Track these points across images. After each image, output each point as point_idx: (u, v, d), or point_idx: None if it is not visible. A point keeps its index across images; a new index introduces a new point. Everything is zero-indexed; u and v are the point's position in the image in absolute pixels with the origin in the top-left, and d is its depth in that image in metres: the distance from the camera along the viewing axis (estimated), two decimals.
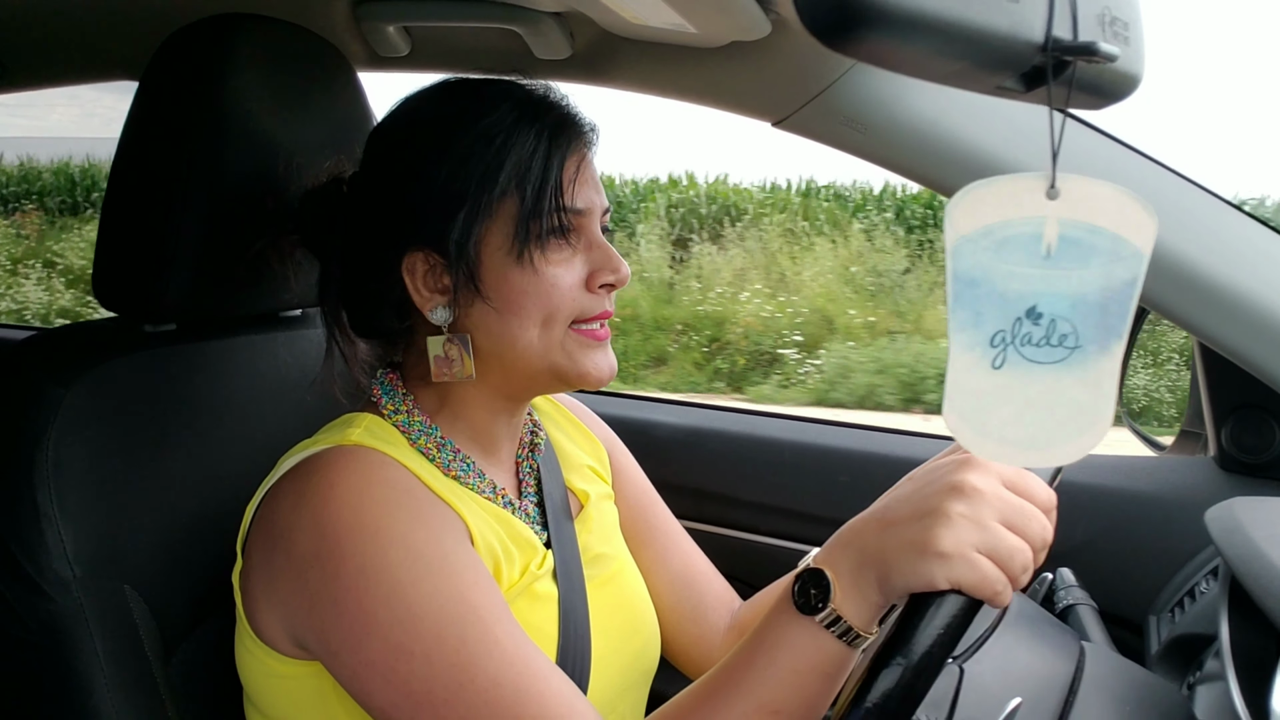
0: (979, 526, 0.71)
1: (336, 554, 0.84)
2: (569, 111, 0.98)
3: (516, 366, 0.97)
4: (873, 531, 0.77)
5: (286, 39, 1.13)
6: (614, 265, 0.97)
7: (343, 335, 1.01)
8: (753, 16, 1.04)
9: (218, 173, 1.04)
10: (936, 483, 0.75)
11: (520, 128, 0.94)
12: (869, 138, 1.22)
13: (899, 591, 0.73)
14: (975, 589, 0.70)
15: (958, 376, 0.63)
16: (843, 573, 0.76)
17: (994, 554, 0.71)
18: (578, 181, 0.96)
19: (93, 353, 1.01)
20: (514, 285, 0.94)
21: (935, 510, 0.72)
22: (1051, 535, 0.75)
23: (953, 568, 0.70)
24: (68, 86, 1.70)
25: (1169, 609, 1.31)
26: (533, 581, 0.97)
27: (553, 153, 0.94)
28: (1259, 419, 1.38)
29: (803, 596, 0.77)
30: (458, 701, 0.81)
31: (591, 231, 0.98)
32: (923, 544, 0.72)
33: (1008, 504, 0.73)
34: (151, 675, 0.98)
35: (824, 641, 0.76)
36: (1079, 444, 0.64)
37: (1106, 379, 0.62)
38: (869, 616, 0.76)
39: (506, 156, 0.93)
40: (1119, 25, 0.62)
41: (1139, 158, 1.24)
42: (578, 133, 0.98)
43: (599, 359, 0.98)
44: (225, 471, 1.08)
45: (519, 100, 0.96)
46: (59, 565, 0.93)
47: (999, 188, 0.59)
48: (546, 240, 0.94)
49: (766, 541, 1.66)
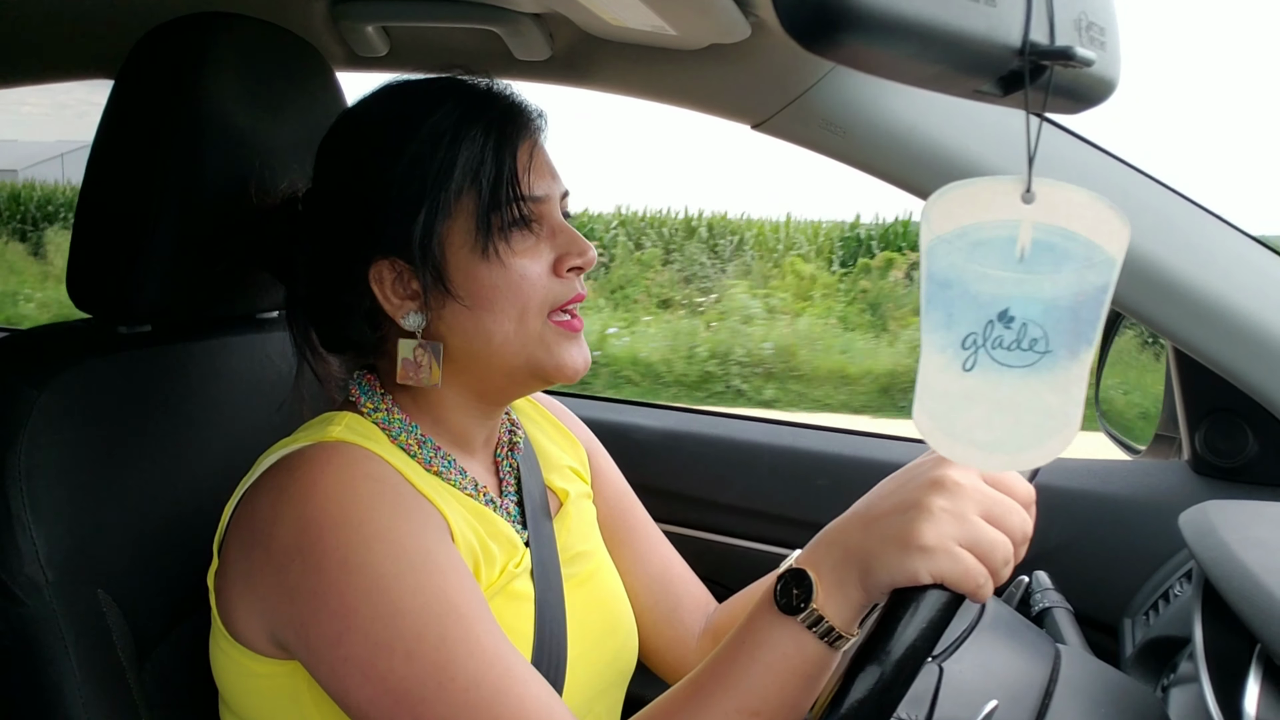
0: (960, 520, 0.72)
1: (319, 548, 0.83)
2: (514, 101, 0.98)
3: (494, 364, 0.96)
4: (855, 529, 0.77)
5: (264, 38, 1.12)
6: (580, 248, 0.97)
7: (313, 353, 1.01)
8: (732, 19, 1.04)
9: (193, 173, 1.03)
10: (918, 478, 0.75)
11: (467, 123, 0.94)
12: (848, 141, 1.23)
13: (882, 587, 0.74)
14: (958, 582, 0.71)
15: (929, 377, 0.63)
16: (825, 572, 0.76)
17: (975, 547, 0.72)
18: (532, 169, 0.96)
19: (67, 354, 1.00)
20: (483, 281, 0.93)
21: (917, 504, 0.73)
22: (1031, 529, 0.76)
23: (935, 561, 0.71)
24: (42, 85, 1.68)
25: (1143, 612, 1.32)
26: (510, 580, 0.97)
27: (503, 144, 0.94)
28: (1232, 423, 1.39)
29: (785, 597, 0.77)
30: (436, 700, 0.80)
31: (553, 217, 0.98)
32: (905, 538, 0.72)
33: (988, 498, 0.74)
34: (125, 680, 0.97)
35: (805, 642, 0.76)
36: (1047, 448, 0.64)
37: (1076, 384, 0.63)
38: (850, 616, 0.76)
39: (458, 153, 0.93)
40: (1095, 30, 0.63)
41: (1115, 162, 1.25)
42: (525, 121, 0.97)
43: (575, 352, 0.98)
44: (200, 474, 1.07)
45: (462, 96, 0.96)
46: (31, 569, 0.92)
47: (975, 190, 0.60)
48: (509, 232, 0.94)
49: (744, 545, 1.66)
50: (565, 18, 1.18)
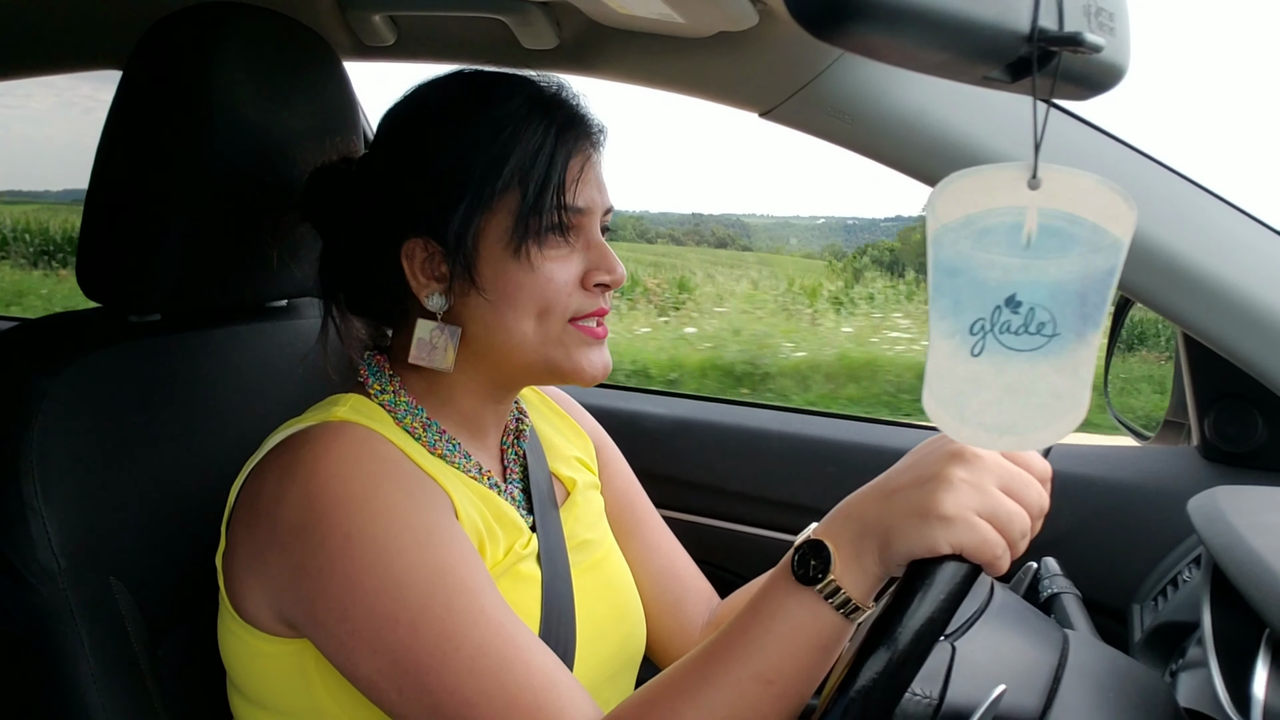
0: (980, 491, 0.72)
1: (324, 524, 0.84)
2: (579, 110, 0.99)
3: (511, 358, 0.97)
4: (874, 501, 0.77)
5: (271, 27, 1.12)
6: (609, 265, 0.98)
7: (339, 312, 1.02)
8: (740, 6, 1.04)
9: (202, 162, 1.03)
10: (937, 451, 0.76)
11: (529, 122, 0.94)
12: (856, 128, 1.22)
13: (900, 558, 0.74)
14: (976, 552, 0.71)
15: (937, 363, 0.63)
16: (843, 544, 0.77)
17: (994, 518, 0.72)
18: (580, 180, 0.96)
19: (78, 343, 1.00)
20: (510, 279, 0.94)
21: (936, 476, 0.73)
22: (1047, 504, 0.76)
23: (955, 530, 0.71)
24: (49, 76, 1.69)
25: (1152, 597, 1.32)
26: (517, 562, 0.97)
27: (558, 150, 0.95)
28: (1242, 409, 1.39)
29: (802, 567, 0.77)
30: (443, 669, 0.81)
31: (591, 231, 0.99)
32: (925, 508, 0.72)
33: (1007, 471, 0.74)
34: (138, 666, 0.98)
35: (822, 612, 0.77)
36: (1055, 429, 0.65)
37: (1084, 367, 0.63)
38: (868, 588, 0.76)
39: (512, 149, 0.93)
40: (1104, 16, 0.62)
41: (1123, 148, 1.25)
42: (585, 132, 0.98)
43: (594, 356, 0.98)
44: (211, 461, 1.08)
45: (531, 95, 0.96)
46: (44, 557, 0.93)
47: (981, 177, 0.60)
48: (545, 236, 0.94)
49: (753, 532, 1.67)
50: (572, 6, 1.18)
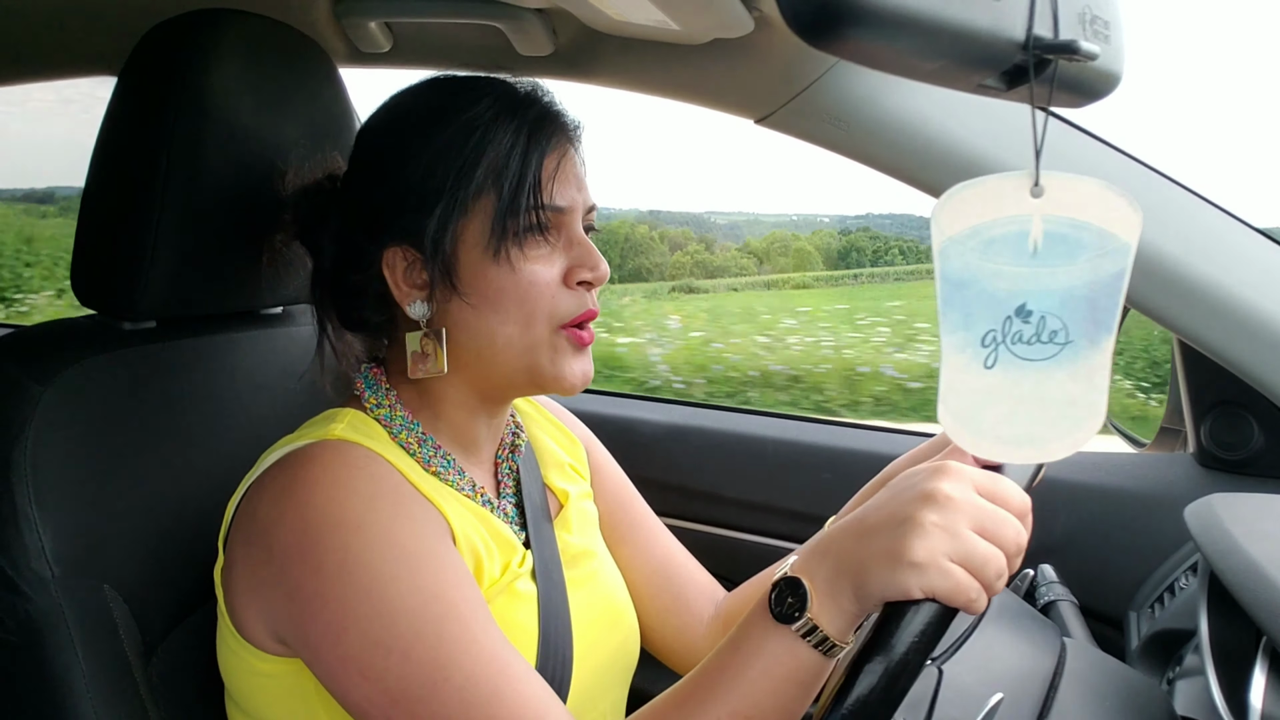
0: (952, 535, 0.70)
1: (319, 548, 0.83)
2: (551, 107, 0.98)
3: (495, 363, 0.96)
4: (849, 539, 0.76)
5: (267, 34, 1.12)
6: (592, 263, 0.97)
7: (333, 328, 1.02)
8: (736, 13, 1.04)
9: (197, 169, 1.03)
10: (910, 490, 0.74)
11: (498, 123, 0.93)
12: (851, 135, 1.23)
13: (875, 600, 0.73)
14: (949, 597, 0.70)
15: (951, 377, 0.63)
16: (819, 582, 0.75)
17: (967, 562, 0.70)
18: (558, 179, 0.95)
19: (71, 350, 1.00)
20: (491, 283, 0.93)
21: (908, 519, 0.72)
22: (1026, 541, 0.74)
23: (926, 577, 0.70)
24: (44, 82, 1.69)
25: (1149, 605, 1.32)
26: (514, 580, 0.97)
27: (531, 149, 0.94)
28: (1238, 416, 1.39)
29: (779, 605, 0.76)
30: (432, 699, 0.81)
31: (572, 229, 0.98)
32: (896, 553, 0.71)
33: (981, 511, 0.72)
34: (132, 675, 0.97)
35: (799, 650, 0.76)
36: (1073, 439, 0.64)
37: (1098, 372, 0.63)
38: (845, 626, 0.75)
39: (484, 151, 0.93)
40: (1099, 24, 0.63)
41: (1120, 155, 1.25)
42: (559, 128, 0.97)
43: (576, 365, 0.97)
44: (205, 469, 1.07)
45: (499, 96, 0.96)
46: (37, 564, 0.92)
47: (983, 188, 0.60)
48: (524, 238, 0.94)
49: (751, 539, 1.66)
50: (568, 13, 1.18)
